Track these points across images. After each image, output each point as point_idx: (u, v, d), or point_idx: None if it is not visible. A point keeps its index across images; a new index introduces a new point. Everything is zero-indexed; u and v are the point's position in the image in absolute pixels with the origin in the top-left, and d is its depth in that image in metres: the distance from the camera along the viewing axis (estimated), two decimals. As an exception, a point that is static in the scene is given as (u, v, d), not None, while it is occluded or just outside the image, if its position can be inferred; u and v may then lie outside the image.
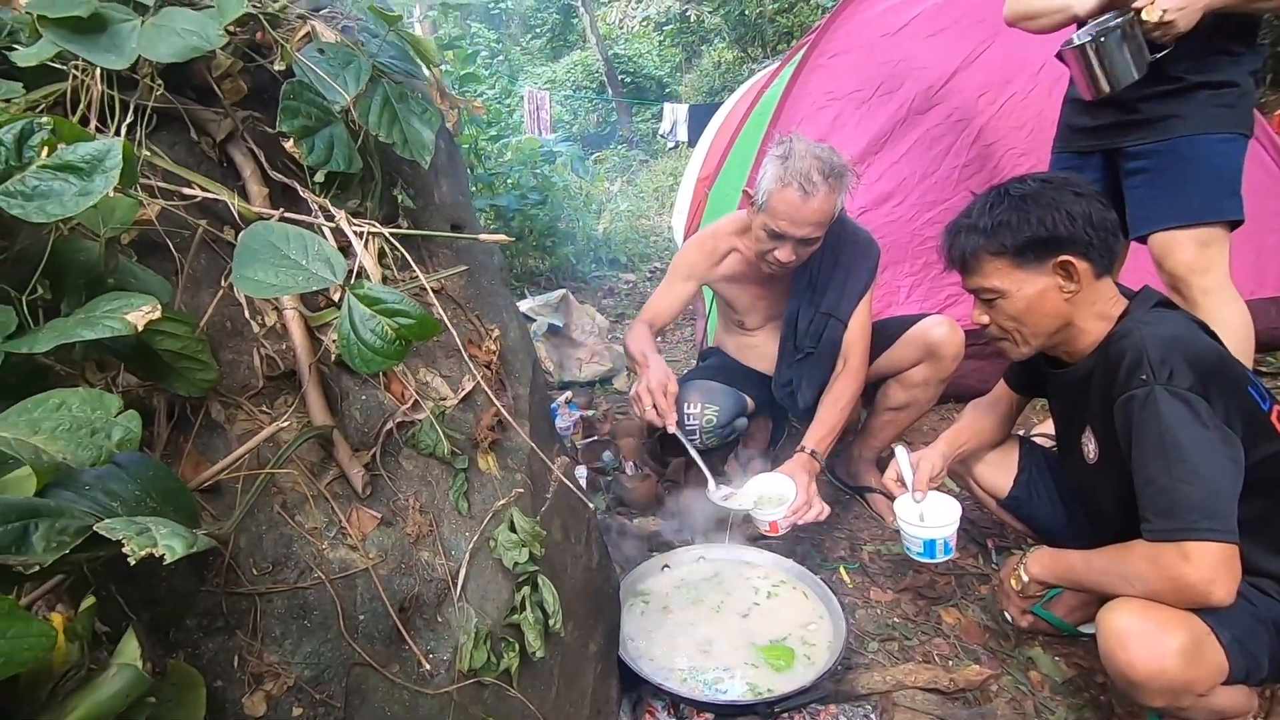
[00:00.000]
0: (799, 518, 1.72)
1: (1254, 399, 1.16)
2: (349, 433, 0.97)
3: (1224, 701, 1.14)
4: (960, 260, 1.32)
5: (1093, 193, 1.25)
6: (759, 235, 1.83)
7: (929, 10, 2.88)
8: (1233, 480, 1.09)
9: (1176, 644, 1.08)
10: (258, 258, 0.71)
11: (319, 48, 0.99)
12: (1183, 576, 1.08)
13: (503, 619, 0.98)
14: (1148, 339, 1.15)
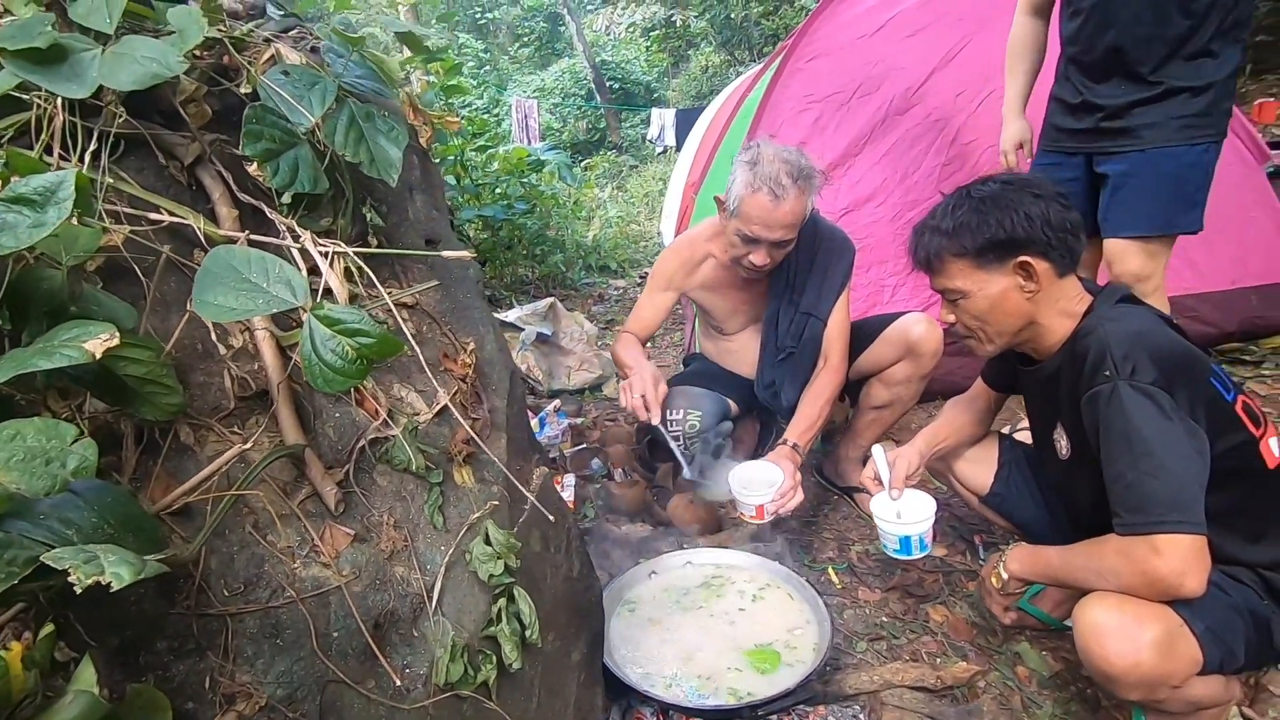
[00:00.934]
0: (785, 501, 1.74)
1: (1217, 389, 1.17)
2: (323, 450, 0.98)
3: (1200, 692, 1.15)
4: (925, 261, 1.33)
5: (1053, 194, 1.26)
6: (733, 240, 1.85)
7: (906, 11, 2.90)
8: (1199, 472, 1.10)
9: (1150, 637, 1.09)
10: (219, 282, 0.72)
11: (284, 70, 1.00)
12: (1154, 570, 1.09)
13: (479, 632, 0.98)
14: (1110, 335, 1.16)
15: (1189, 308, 2.60)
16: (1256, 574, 1.22)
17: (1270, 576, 1.22)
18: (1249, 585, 1.21)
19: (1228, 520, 1.19)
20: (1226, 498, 1.17)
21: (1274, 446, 1.22)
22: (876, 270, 2.73)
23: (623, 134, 12.32)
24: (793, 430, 1.91)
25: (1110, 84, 1.84)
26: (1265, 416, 1.24)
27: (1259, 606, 1.20)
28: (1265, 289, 2.63)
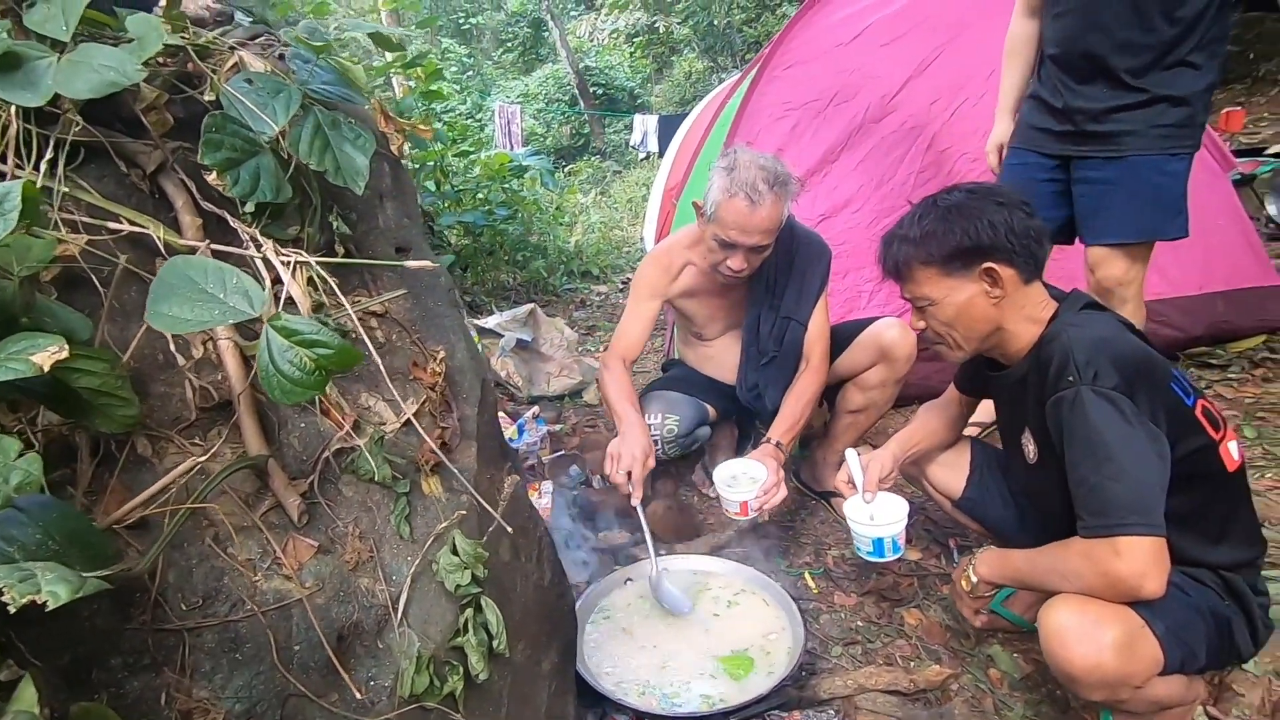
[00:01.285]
0: (770, 498, 1.75)
1: (1177, 394, 1.19)
2: (287, 461, 0.97)
3: (1161, 692, 1.17)
4: (894, 270, 1.35)
5: (1017, 202, 1.28)
6: (711, 246, 1.86)
7: (881, 21, 2.94)
8: (1159, 475, 1.12)
9: (1111, 638, 1.10)
10: (174, 292, 0.72)
11: (247, 78, 0.99)
12: (1115, 571, 1.11)
13: (446, 642, 0.98)
14: (1074, 341, 1.18)
15: (1157, 312, 2.65)
16: (1218, 575, 1.24)
17: (1231, 577, 1.24)
18: (1210, 586, 1.23)
19: (1189, 522, 1.21)
20: (1188, 500, 1.19)
21: (1233, 450, 1.24)
22: (854, 276, 2.75)
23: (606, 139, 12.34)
24: (776, 429, 1.92)
25: (1091, 87, 1.85)
26: (1224, 420, 1.27)
27: (1220, 607, 1.22)
28: (1231, 294, 2.68)
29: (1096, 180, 1.90)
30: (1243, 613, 1.23)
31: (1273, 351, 2.66)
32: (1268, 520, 1.85)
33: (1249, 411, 2.35)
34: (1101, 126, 1.86)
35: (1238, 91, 5.64)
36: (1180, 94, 1.78)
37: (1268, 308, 2.72)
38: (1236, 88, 5.68)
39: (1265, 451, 2.14)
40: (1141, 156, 1.82)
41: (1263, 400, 2.42)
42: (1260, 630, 1.25)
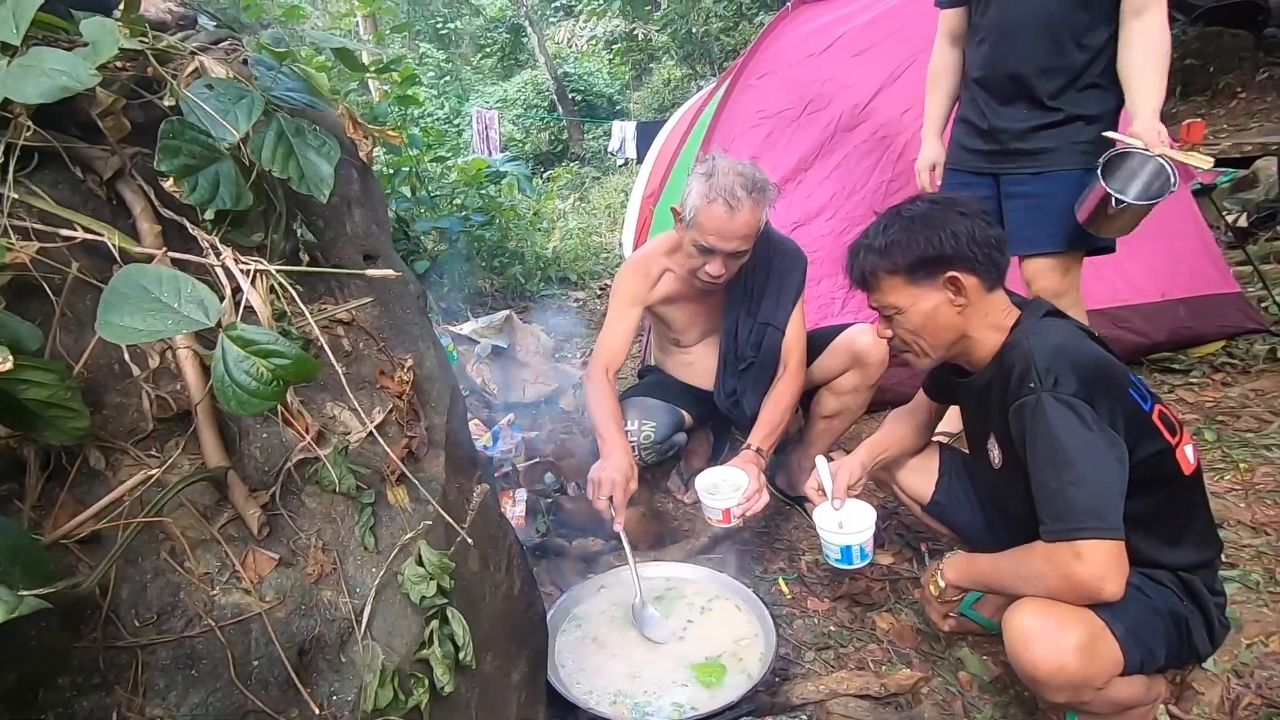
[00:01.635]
0: (752, 505, 1.75)
1: (1135, 400, 1.22)
2: (248, 472, 0.95)
3: (1122, 693, 1.19)
4: (861, 279, 1.37)
5: (978, 211, 1.31)
6: (689, 251, 1.87)
7: (852, 32, 2.98)
8: (1118, 480, 1.14)
9: (1073, 641, 1.12)
10: (127, 301, 0.70)
11: (208, 83, 0.98)
12: (1075, 574, 1.13)
13: (411, 655, 0.96)
14: (1035, 348, 1.21)
15: (1122, 318, 2.71)
16: (1176, 576, 1.27)
17: (1189, 578, 1.27)
18: (1169, 587, 1.26)
19: (1148, 525, 1.24)
20: (1147, 503, 1.22)
21: (1189, 454, 1.27)
22: (827, 283, 2.78)
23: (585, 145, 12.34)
24: (755, 435, 1.93)
25: (1013, 108, 1.98)
26: (1181, 425, 1.30)
27: (1178, 607, 1.25)
28: (1192, 301, 2.75)
29: (1023, 195, 2.00)
30: (1200, 613, 1.26)
31: (1231, 357, 2.73)
32: (1225, 521, 1.90)
33: (1209, 415, 2.41)
34: (1025, 144, 1.98)
35: (1198, 104, 5.79)
36: (1092, 113, 1.92)
37: (1226, 314, 2.79)
38: (1197, 99, 5.84)
39: (1224, 454, 2.20)
40: (1062, 172, 1.94)
41: (1222, 404, 2.48)
42: (1217, 629, 1.28)
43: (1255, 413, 2.38)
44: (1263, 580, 1.72)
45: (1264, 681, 1.48)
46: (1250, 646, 1.55)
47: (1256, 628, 1.59)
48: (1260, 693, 1.45)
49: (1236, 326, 2.80)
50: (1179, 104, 5.76)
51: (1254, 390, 2.52)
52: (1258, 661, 1.52)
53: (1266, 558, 1.79)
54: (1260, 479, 2.05)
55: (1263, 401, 2.44)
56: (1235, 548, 1.83)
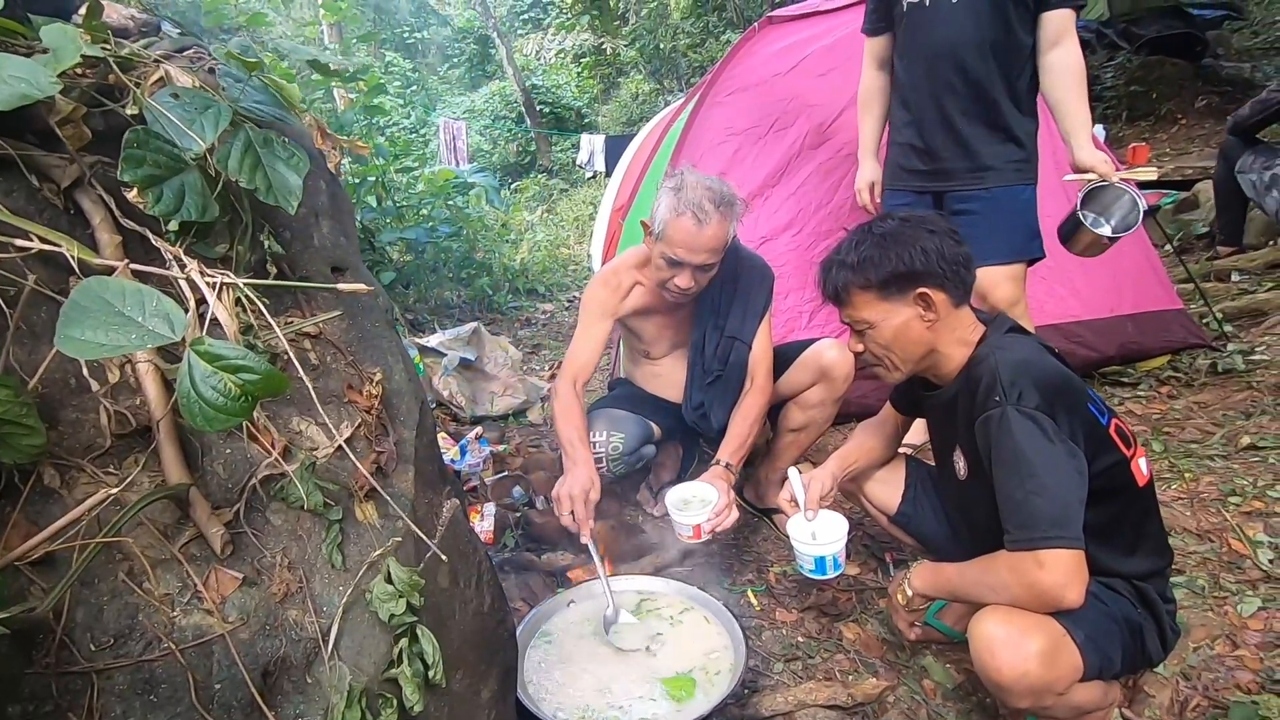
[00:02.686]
0: (722, 520, 1.77)
1: (1093, 414, 1.27)
2: (210, 489, 0.93)
3: (1082, 698, 1.23)
4: (834, 295, 1.40)
5: (946, 230, 1.35)
6: (658, 264, 1.89)
7: (817, 52, 3.06)
8: (1078, 490, 1.19)
9: (1036, 647, 1.16)
10: (88, 315, 0.68)
11: (173, 92, 0.96)
12: (1038, 582, 1.16)
13: (380, 674, 0.95)
14: (1000, 363, 1.25)
15: (1074, 333, 2.81)
16: (1131, 584, 1.32)
17: (1143, 586, 1.32)
18: (1124, 595, 1.30)
19: (1105, 535, 1.29)
20: (1103, 514, 1.27)
21: (1142, 466, 1.32)
22: (794, 297, 2.83)
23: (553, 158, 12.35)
24: (724, 450, 1.95)
25: (948, 128, 2.10)
26: (1135, 438, 1.35)
27: (1133, 615, 1.29)
28: (1139, 317, 2.87)
29: (967, 210, 2.11)
30: (1153, 619, 1.31)
31: (1176, 370, 2.86)
32: (1172, 529, 1.98)
33: (1156, 427, 2.51)
34: (964, 162, 2.11)
35: (1143, 128, 6.06)
36: (1020, 134, 2.08)
37: (1171, 329, 2.91)
38: (1142, 124, 6.11)
39: (1171, 464, 2.29)
40: (1001, 188, 2.09)
41: (1168, 416, 2.59)
42: (1169, 636, 1.33)
43: (1199, 424, 2.49)
44: (1208, 585, 1.79)
45: (1210, 683, 1.54)
46: (1197, 650, 1.61)
47: (1203, 631, 1.65)
48: (1207, 694, 1.51)
49: (1180, 341, 2.92)
50: (1125, 128, 6.03)
51: (1197, 403, 2.63)
52: (1204, 664, 1.58)
53: (1211, 564, 1.86)
54: (1204, 488, 2.14)
55: (1205, 413, 2.55)
56: (1182, 554, 1.90)
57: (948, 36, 2.03)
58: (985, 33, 1.99)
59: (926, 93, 2.11)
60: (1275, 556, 1.84)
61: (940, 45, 2.05)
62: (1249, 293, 3.39)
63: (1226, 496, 2.09)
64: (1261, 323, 3.17)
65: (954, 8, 2.01)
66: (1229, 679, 1.54)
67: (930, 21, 2.06)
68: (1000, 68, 2.02)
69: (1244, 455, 2.27)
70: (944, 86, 2.07)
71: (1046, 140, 2.22)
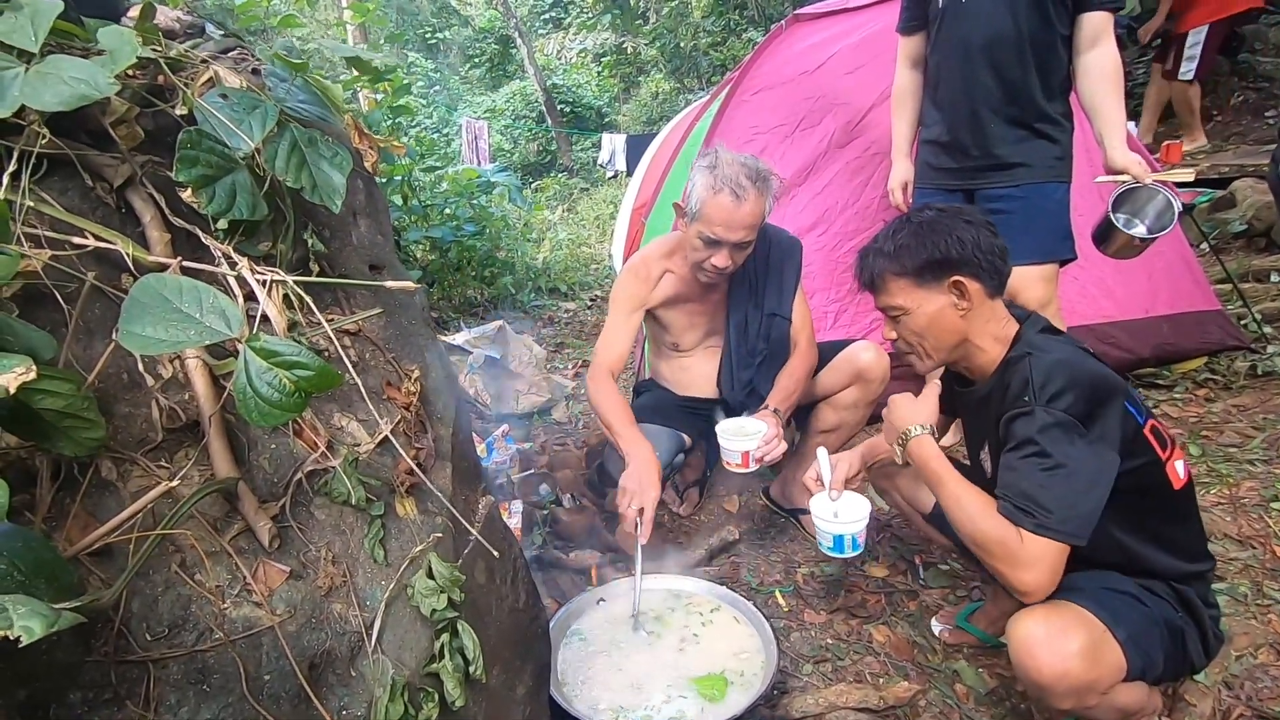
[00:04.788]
0: (772, 449, 1.79)
1: (1131, 413, 1.25)
2: (257, 484, 0.94)
3: (1126, 699, 1.21)
4: (870, 281, 1.40)
5: (982, 222, 1.35)
6: (695, 245, 1.87)
7: (845, 50, 3.03)
8: (1094, 492, 1.18)
9: (1077, 646, 1.15)
10: (148, 312, 0.70)
11: (222, 93, 0.98)
12: (1012, 556, 1.17)
13: (421, 669, 0.96)
14: (1035, 364, 1.24)
15: (1108, 335, 2.76)
16: (1170, 587, 1.30)
17: (1183, 589, 1.30)
18: (1164, 598, 1.28)
19: (1142, 535, 1.27)
20: (1139, 513, 1.25)
21: (1179, 469, 1.30)
22: (819, 297, 2.81)
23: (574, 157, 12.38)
24: (772, 399, 1.96)
25: (981, 125, 2.08)
26: (1172, 441, 1.33)
27: (1174, 618, 1.27)
28: (1175, 318, 2.81)
29: (999, 209, 2.08)
30: (1195, 624, 1.29)
31: (1213, 373, 2.79)
32: (1213, 535, 1.94)
33: (1193, 430, 2.46)
34: (997, 159, 2.08)
35: (1174, 125, 5.94)
36: (1055, 132, 2.05)
37: (1208, 330, 2.85)
38: (1174, 121, 5.99)
39: (1209, 468, 2.24)
40: (1035, 184, 2.06)
41: (1205, 419, 2.53)
42: (1211, 641, 1.31)
43: (1238, 428, 2.44)
44: (1250, 593, 1.75)
45: (1254, 693, 1.50)
46: (1240, 658, 1.58)
47: (1245, 639, 1.62)
48: (1250, 704, 1.48)
49: (1218, 343, 2.86)
50: (1159, 125, 5.90)
51: (1236, 406, 2.58)
52: (1247, 673, 1.55)
53: (1254, 570, 1.82)
54: (1245, 493, 2.10)
55: (1245, 417, 2.50)
56: (1223, 561, 1.86)
57: (983, 32, 2.01)
58: (1022, 28, 1.97)
59: (960, 90, 2.09)
60: (1320, 564, 1.80)
61: (975, 41, 2.03)
62: (1289, 293, 3.31)
63: (1269, 502, 2.04)
64: (1302, 324, 3.09)
65: (991, 2, 1.99)
66: (1273, 689, 1.51)
67: (966, 17, 2.04)
68: (1036, 64, 1.99)
69: (1286, 460, 2.22)
70: (977, 83, 2.05)
71: (1080, 140, 2.19)
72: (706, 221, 1.81)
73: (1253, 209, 3.95)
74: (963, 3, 2.03)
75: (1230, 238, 3.98)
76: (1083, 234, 2.13)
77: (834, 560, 2.03)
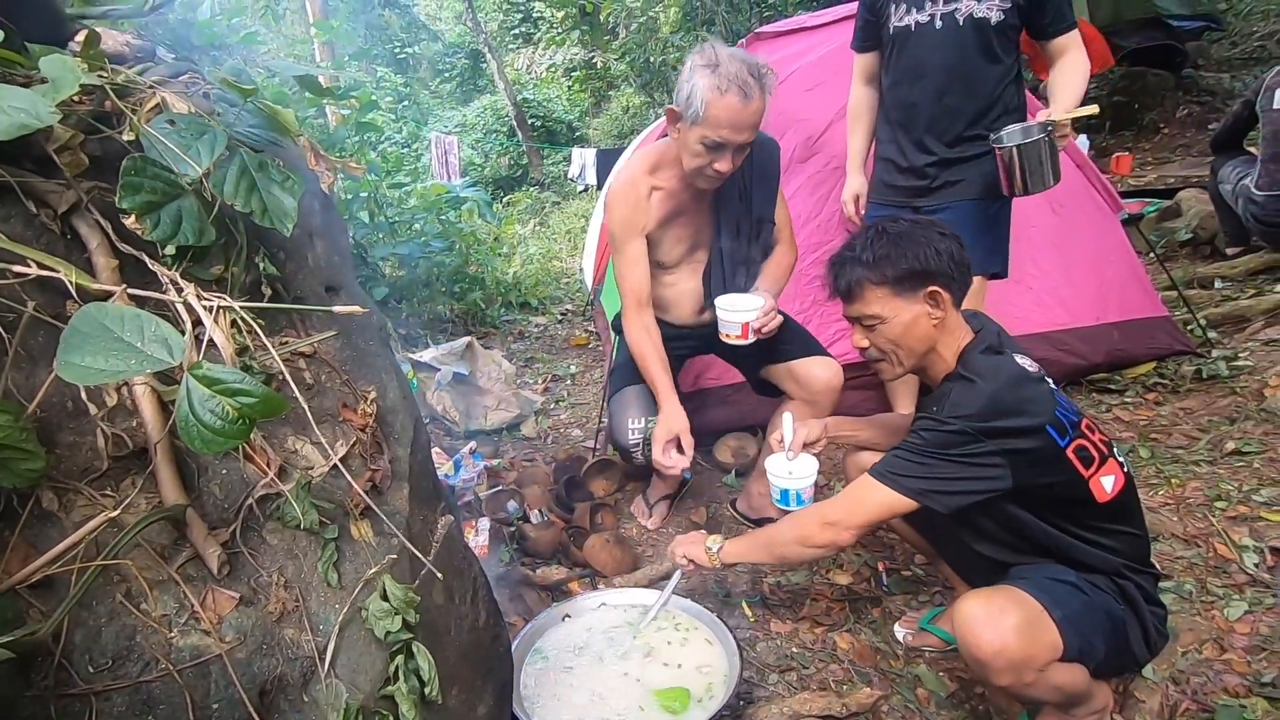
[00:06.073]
0: (768, 321, 1.83)
1: (1051, 438, 1.30)
2: (207, 510, 0.94)
3: (1063, 678, 1.26)
4: (846, 290, 1.44)
5: (952, 234, 1.42)
6: (695, 150, 1.81)
7: (804, 67, 3.10)
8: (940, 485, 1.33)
9: (1012, 622, 1.21)
10: (88, 341, 0.70)
11: (169, 119, 0.98)
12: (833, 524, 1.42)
13: (376, 692, 0.96)
14: (957, 390, 1.34)
15: (1063, 341, 2.85)
16: (1112, 581, 1.35)
17: (1124, 584, 1.36)
18: (1106, 591, 1.34)
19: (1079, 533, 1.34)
20: (1073, 522, 1.33)
21: (1105, 484, 1.35)
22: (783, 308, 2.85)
23: (545, 171, 12.40)
24: (762, 284, 2.00)
25: (925, 148, 2.17)
26: (1102, 458, 1.36)
27: (1115, 609, 1.33)
28: (1125, 324, 2.91)
29: None
30: (1136, 618, 1.34)
31: (1162, 377, 2.89)
32: (1160, 535, 2.00)
33: (1143, 433, 2.54)
34: (939, 180, 2.18)
35: (1125, 138, 6.16)
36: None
37: (1156, 336, 2.95)
38: (1125, 134, 6.21)
39: (1158, 470, 2.32)
40: (969, 202, 2.15)
41: (1155, 422, 2.62)
42: (1154, 637, 1.36)
43: (1185, 430, 2.52)
44: (1195, 590, 1.81)
45: (1199, 687, 1.55)
46: (1185, 654, 1.63)
47: (1191, 636, 1.67)
48: (1196, 699, 1.53)
49: (1166, 348, 2.96)
50: (1109, 138, 6.12)
51: (1183, 409, 2.67)
52: (1193, 669, 1.60)
53: (1198, 569, 1.89)
54: (1190, 493, 2.17)
55: (1191, 419, 2.59)
56: (1169, 560, 1.92)
57: (930, 62, 2.11)
58: (968, 61, 2.07)
59: (907, 113, 2.19)
60: (1261, 560, 1.86)
61: (923, 69, 2.12)
62: (1231, 299, 3.44)
63: (1212, 501, 2.12)
64: (1244, 329, 3.21)
65: (938, 34, 2.08)
66: (1217, 683, 1.56)
67: (915, 46, 2.13)
68: (977, 93, 2.10)
69: (1229, 460, 2.30)
70: (923, 108, 2.15)
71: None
72: (712, 124, 1.73)
73: (1197, 218, 4.11)
74: (912, 30, 2.12)
75: (1177, 246, 4.13)
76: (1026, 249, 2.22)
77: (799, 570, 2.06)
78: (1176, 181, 4.83)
